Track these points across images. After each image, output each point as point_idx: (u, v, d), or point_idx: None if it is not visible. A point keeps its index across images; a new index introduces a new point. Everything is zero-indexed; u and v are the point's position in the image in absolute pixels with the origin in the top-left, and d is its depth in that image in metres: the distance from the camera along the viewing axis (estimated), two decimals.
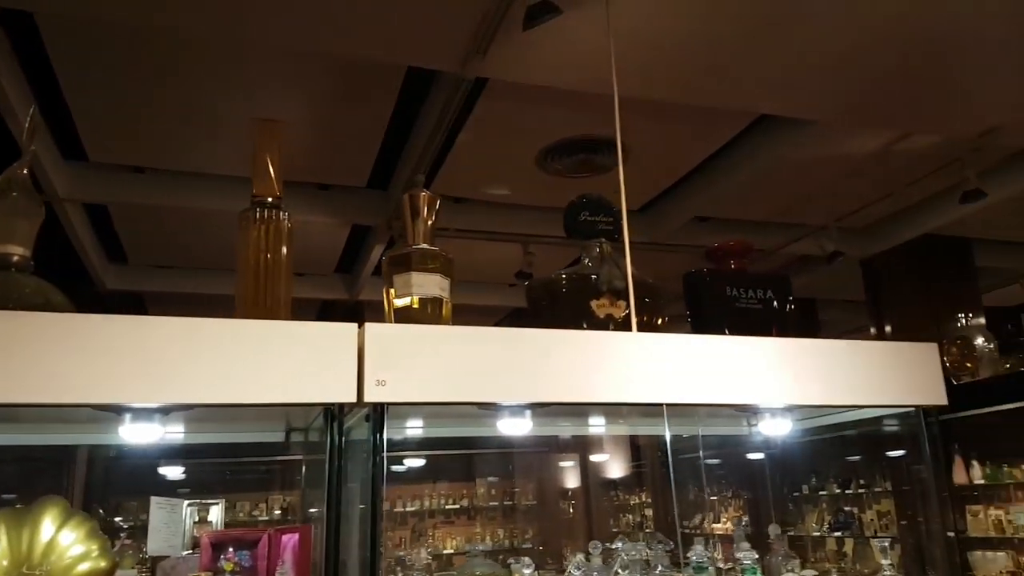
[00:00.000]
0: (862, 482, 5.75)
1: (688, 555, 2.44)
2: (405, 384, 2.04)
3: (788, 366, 2.32)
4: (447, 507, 6.39)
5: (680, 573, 2.36)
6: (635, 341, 2.26)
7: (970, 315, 5.70)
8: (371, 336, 2.03)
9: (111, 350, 1.83)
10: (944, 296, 6.00)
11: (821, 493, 6.08)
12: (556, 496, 6.18)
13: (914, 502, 2.92)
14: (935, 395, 2.45)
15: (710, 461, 3.65)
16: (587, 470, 6.43)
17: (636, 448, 6.29)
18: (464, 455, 6.33)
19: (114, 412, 1.99)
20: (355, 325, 2.03)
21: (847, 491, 5.87)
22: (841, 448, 5.50)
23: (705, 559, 2.43)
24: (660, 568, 2.42)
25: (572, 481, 6.40)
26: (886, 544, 2.57)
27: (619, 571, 2.27)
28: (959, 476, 5.04)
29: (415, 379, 2.06)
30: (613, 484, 6.48)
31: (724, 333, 2.52)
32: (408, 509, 6.18)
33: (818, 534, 5.94)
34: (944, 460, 4.96)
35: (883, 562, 2.52)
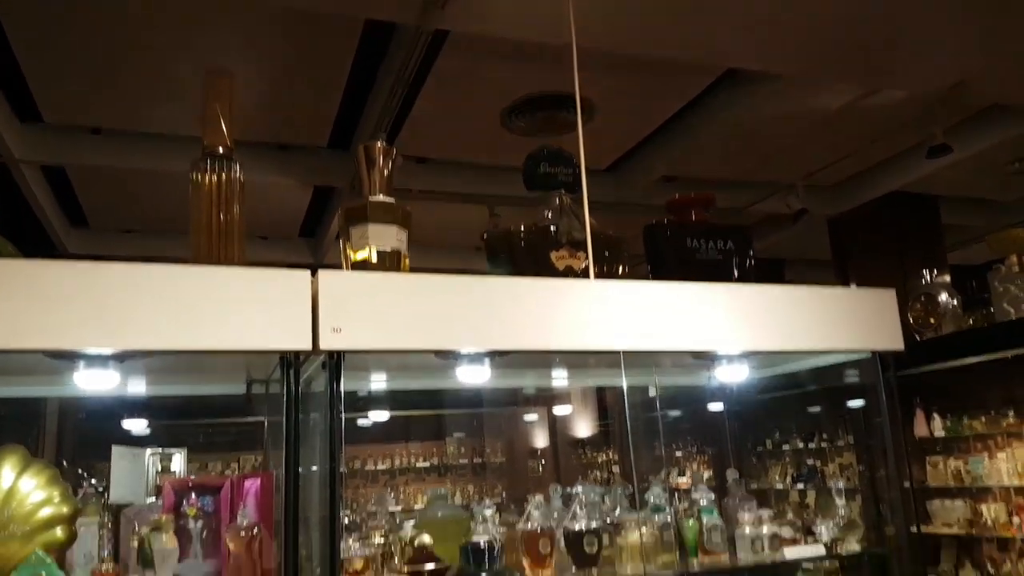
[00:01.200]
0: (824, 436, 5.87)
1: (646, 496, 2.48)
2: (361, 332, 2.04)
3: (745, 312, 2.35)
4: (418, 465, 6.46)
5: (638, 513, 2.40)
6: (592, 288, 2.27)
7: (935, 272, 5.77)
8: (325, 283, 2.02)
9: (62, 296, 1.80)
10: (910, 254, 6.10)
11: (784, 447, 6.21)
12: (525, 455, 6.27)
13: (873, 453, 2.99)
14: (892, 340, 2.50)
15: (673, 413, 3.70)
16: (555, 429, 6.52)
17: (603, 407, 6.38)
18: (433, 415, 6.38)
19: (69, 359, 1.96)
20: (308, 272, 2.02)
21: (810, 445, 5.99)
22: (803, 402, 5.61)
23: (663, 501, 2.48)
24: (619, 510, 2.46)
25: (540, 440, 6.49)
26: (841, 486, 2.64)
27: (578, 510, 2.30)
28: (920, 429, 5.16)
29: (371, 327, 2.06)
30: (581, 443, 6.58)
31: None
32: (379, 467, 6.23)
33: (781, 487, 6.08)
34: (905, 413, 5.08)
35: (838, 502, 2.59)
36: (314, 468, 2.10)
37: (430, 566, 2.20)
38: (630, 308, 2.26)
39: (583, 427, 6.76)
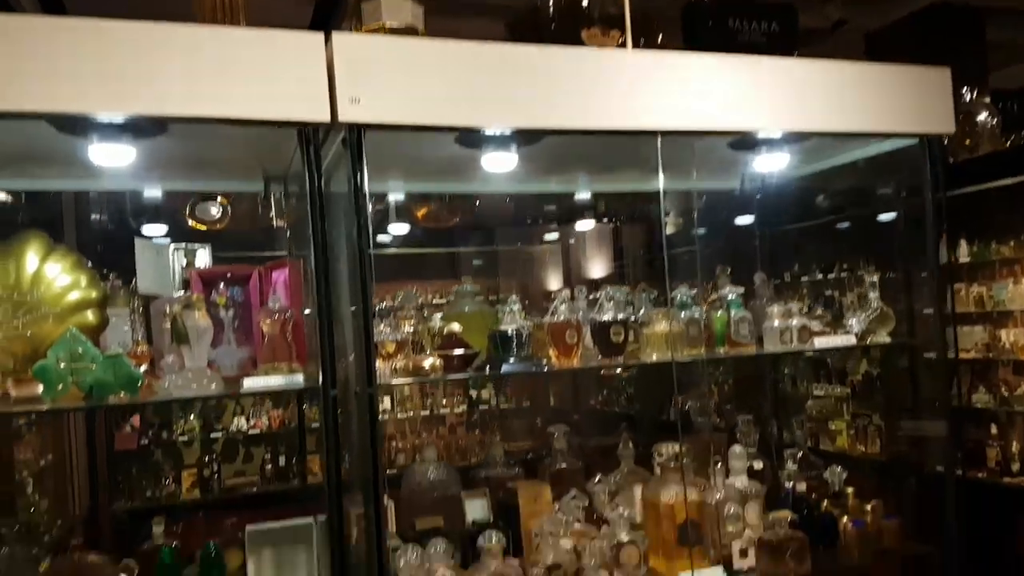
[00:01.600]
0: (845, 266, 5.80)
1: (673, 294, 2.44)
2: (381, 104, 1.92)
3: (789, 88, 2.21)
4: (434, 302, 6.53)
5: (667, 308, 2.38)
6: (629, 58, 2.12)
7: (975, 91, 5.44)
8: (340, 48, 1.87)
9: (69, 55, 1.68)
10: (951, 72, 5.74)
11: (803, 279, 6.18)
12: (540, 295, 6.34)
13: (900, 277, 2.91)
14: (942, 122, 2.36)
15: (700, 231, 3.62)
16: (569, 270, 6.57)
17: (619, 248, 6.39)
18: (448, 254, 6.37)
19: (79, 135, 1.87)
20: (321, 34, 1.86)
21: (829, 276, 5.95)
22: (829, 228, 5.47)
23: (689, 298, 2.44)
24: (644, 309, 2.44)
25: (554, 283, 6.53)
26: (875, 279, 2.58)
27: (605, 303, 2.28)
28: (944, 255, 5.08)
29: (392, 98, 1.93)
30: (595, 284, 6.61)
31: None
32: (396, 304, 6.26)
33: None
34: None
35: (871, 295, 2.55)
36: (342, 304, 2.04)
37: (459, 351, 2.19)
38: (669, 83, 2.11)
39: (598, 268, 6.76)
